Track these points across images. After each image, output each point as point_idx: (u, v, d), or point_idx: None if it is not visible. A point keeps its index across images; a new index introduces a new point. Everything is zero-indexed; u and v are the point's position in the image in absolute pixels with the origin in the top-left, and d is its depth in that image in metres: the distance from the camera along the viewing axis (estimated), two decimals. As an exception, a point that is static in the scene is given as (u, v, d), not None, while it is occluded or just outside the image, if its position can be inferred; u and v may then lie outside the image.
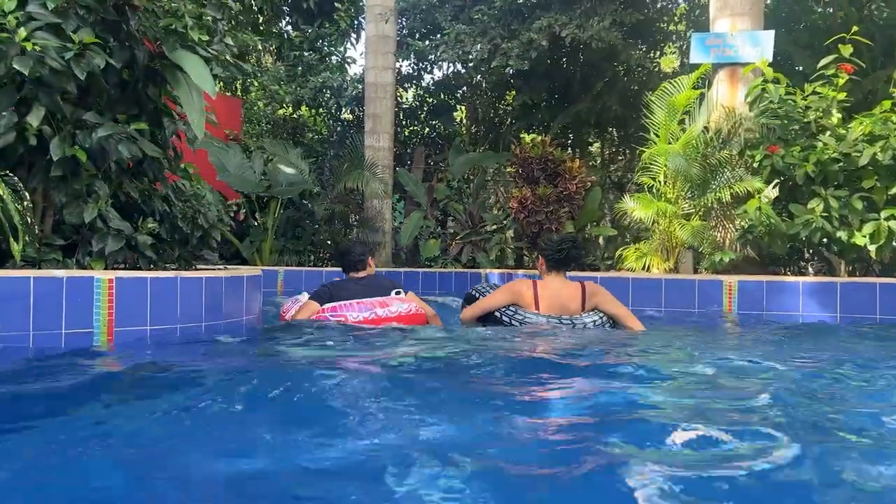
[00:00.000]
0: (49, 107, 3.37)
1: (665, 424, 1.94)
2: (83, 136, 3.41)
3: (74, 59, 3.28)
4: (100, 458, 1.74)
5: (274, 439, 1.89)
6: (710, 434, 1.81)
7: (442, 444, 1.83)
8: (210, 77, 3.50)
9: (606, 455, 1.70)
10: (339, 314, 4.37)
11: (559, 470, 1.63)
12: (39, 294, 3.12)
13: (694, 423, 1.92)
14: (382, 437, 1.88)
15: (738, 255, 6.28)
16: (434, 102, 11.12)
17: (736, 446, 1.75)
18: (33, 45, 3.08)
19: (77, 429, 2.00)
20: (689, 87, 6.59)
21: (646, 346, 3.60)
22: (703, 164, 6.44)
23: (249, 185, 9.07)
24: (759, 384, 2.55)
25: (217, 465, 1.70)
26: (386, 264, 9.33)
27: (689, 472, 1.53)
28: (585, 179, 8.39)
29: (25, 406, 2.32)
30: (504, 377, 2.84)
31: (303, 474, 1.64)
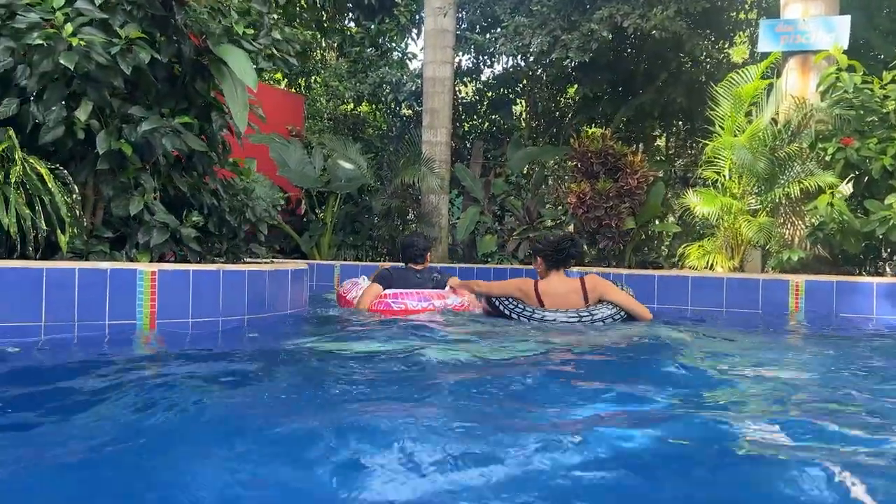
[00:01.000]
0: (97, 101, 3.43)
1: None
2: (129, 130, 3.46)
3: (120, 54, 3.33)
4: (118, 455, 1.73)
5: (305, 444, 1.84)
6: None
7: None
8: (252, 71, 3.50)
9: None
10: (401, 301, 4.61)
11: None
12: (84, 285, 3.18)
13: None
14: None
15: (807, 254, 5.94)
16: (493, 97, 10.98)
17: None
18: (79, 40, 3.13)
19: (92, 426, 1.99)
20: (757, 76, 6.28)
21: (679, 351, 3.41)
22: (771, 158, 6.11)
23: (309, 180, 9.16)
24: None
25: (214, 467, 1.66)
26: (442, 259, 9.27)
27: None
28: (647, 174, 8.10)
29: (56, 394, 2.34)
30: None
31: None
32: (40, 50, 3.15)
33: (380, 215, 9.49)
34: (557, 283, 4.51)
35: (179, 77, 3.99)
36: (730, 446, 1.72)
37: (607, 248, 8.09)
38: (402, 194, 9.32)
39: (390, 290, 4.72)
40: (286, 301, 4.06)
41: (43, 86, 3.29)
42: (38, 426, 1.95)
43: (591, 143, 8.15)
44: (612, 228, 7.97)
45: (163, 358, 3.08)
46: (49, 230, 3.27)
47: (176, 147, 3.55)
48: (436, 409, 2.12)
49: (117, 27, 3.35)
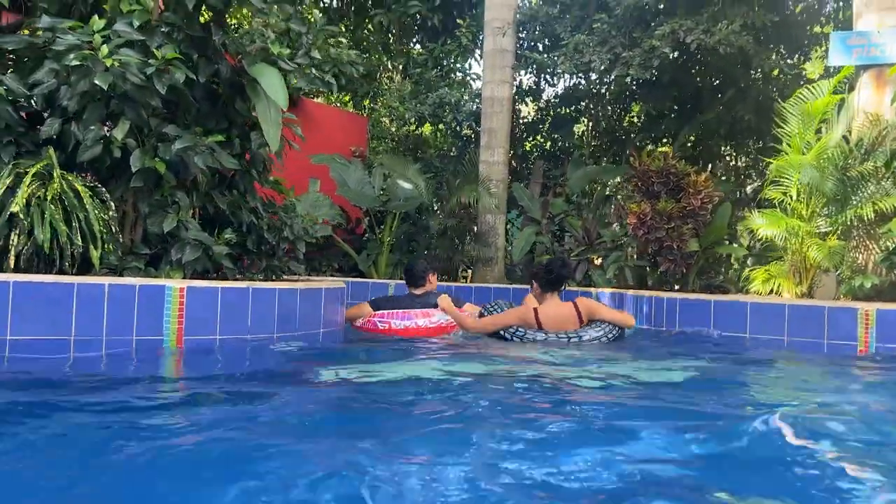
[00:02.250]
0: (134, 120, 3.51)
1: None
2: (164, 149, 3.52)
3: (156, 75, 3.39)
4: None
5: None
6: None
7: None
8: (283, 89, 3.51)
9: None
10: (385, 321, 4.91)
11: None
12: (113, 300, 3.22)
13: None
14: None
15: (882, 280, 5.52)
16: (555, 116, 10.82)
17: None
18: (114, 61, 3.20)
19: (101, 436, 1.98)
20: (828, 92, 5.93)
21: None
22: (842, 178, 5.74)
23: (367, 199, 9.22)
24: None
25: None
26: (499, 280, 9.14)
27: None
28: (712, 194, 7.75)
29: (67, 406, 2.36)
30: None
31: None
32: (78, 71, 3.24)
33: (436, 235, 9.46)
34: (555, 308, 4.79)
35: (221, 97, 4.05)
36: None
37: (669, 271, 7.78)
38: (460, 214, 9.26)
39: (380, 310, 5.04)
40: (319, 320, 4.03)
41: (82, 106, 3.39)
42: (41, 436, 1.96)
43: (652, 162, 7.88)
44: (673, 250, 7.66)
45: (180, 377, 3.09)
46: (84, 246, 3.34)
47: (209, 165, 3.59)
48: (472, 443, 2.02)
49: (154, 48, 3.42)
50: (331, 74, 10.62)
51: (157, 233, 3.60)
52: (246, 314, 3.57)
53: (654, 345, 4.92)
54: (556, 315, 4.74)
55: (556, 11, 9.48)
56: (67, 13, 3.65)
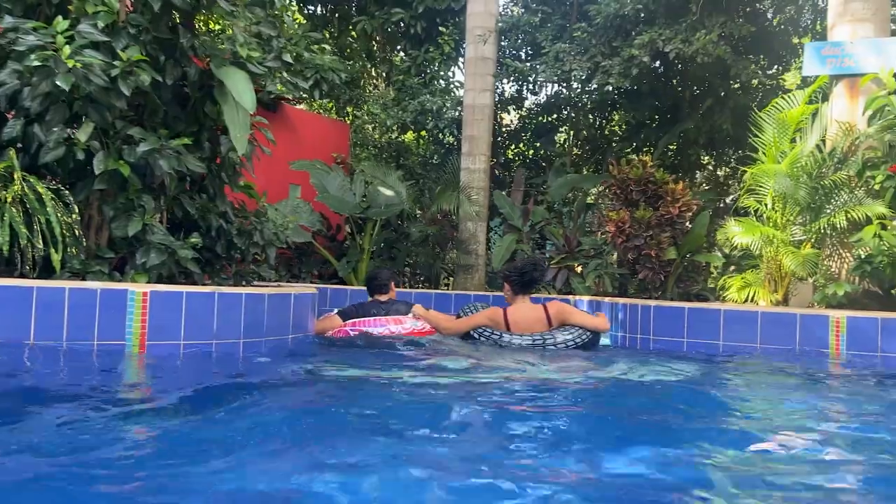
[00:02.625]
0: (99, 123, 3.47)
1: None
2: (129, 152, 3.48)
3: (121, 77, 3.36)
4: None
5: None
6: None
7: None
8: (250, 93, 3.48)
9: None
10: (358, 328, 4.98)
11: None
12: (74, 305, 3.18)
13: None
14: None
15: (855, 288, 5.55)
16: (537, 124, 10.85)
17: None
18: (76, 62, 3.17)
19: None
20: (802, 101, 5.98)
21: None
22: (815, 186, 5.77)
23: (348, 206, 9.19)
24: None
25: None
26: (479, 287, 9.13)
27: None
28: (690, 203, 7.78)
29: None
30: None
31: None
32: (40, 72, 3.20)
33: (417, 242, 9.43)
34: (525, 310, 4.84)
35: (191, 100, 4.02)
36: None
37: (647, 279, 7.79)
38: (440, 221, 9.25)
39: (351, 320, 5.09)
40: (287, 326, 3.99)
41: (45, 107, 3.34)
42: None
43: (631, 171, 7.91)
44: (651, 258, 7.68)
45: (142, 383, 3.05)
46: (46, 250, 3.29)
47: (175, 168, 3.55)
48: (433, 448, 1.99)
49: (120, 50, 3.39)
50: (313, 80, 10.62)
51: (123, 236, 3.56)
52: (211, 319, 3.52)
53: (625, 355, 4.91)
54: (524, 317, 4.78)
55: (538, 20, 9.52)
56: (32, 14, 3.60)
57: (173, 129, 3.94)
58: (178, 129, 3.97)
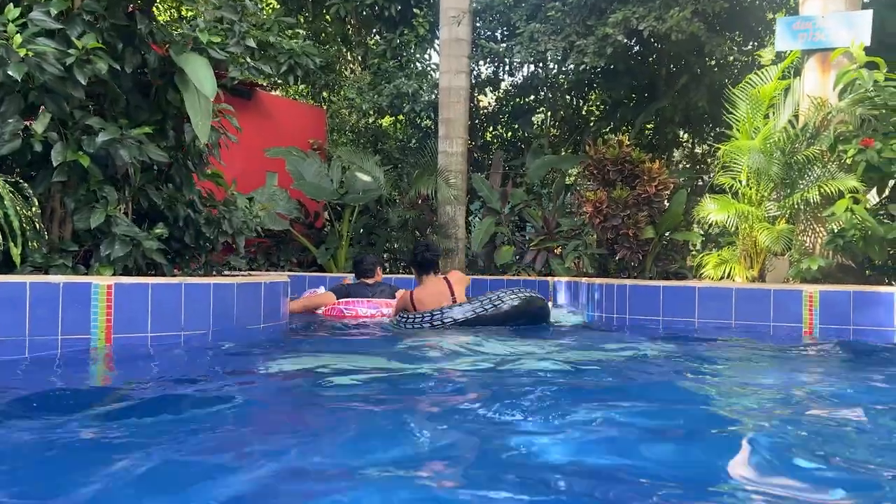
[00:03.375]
0: (56, 113, 3.39)
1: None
2: (88, 142, 3.41)
3: (77, 65, 3.28)
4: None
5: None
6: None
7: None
8: (211, 79, 3.41)
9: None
10: (352, 308, 5.18)
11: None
12: (36, 299, 3.11)
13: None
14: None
15: (828, 263, 5.58)
16: (513, 106, 10.80)
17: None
18: (28, 51, 3.09)
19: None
20: (775, 77, 5.98)
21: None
22: (788, 162, 5.78)
23: (325, 192, 9.12)
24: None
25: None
26: (459, 271, 9.10)
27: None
28: (667, 181, 7.79)
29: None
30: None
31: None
32: (-9, 62, 3.12)
33: (396, 227, 9.39)
34: (429, 287, 4.89)
35: (153, 88, 3.94)
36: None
37: (626, 258, 7.81)
38: (419, 206, 9.20)
39: (343, 299, 5.38)
40: (259, 315, 3.95)
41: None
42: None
43: (608, 151, 7.90)
44: (629, 238, 7.69)
45: (109, 377, 3.00)
46: (5, 244, 3.22)
47: (135, 158, 3.48)
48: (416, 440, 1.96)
49: (74, 38, 3.31)
50: (286, 66, 10.50)
51: (86, 229, 3.49)
52: (179, 310, 3.48)
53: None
54: (429, 295, 4.84)
55: (512, 0, 9.45)
56: (-16, 3, 3.51)
57: (136, 118, 3.87)
58: (141, 119, 3.90)
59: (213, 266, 4.41)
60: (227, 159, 9.39)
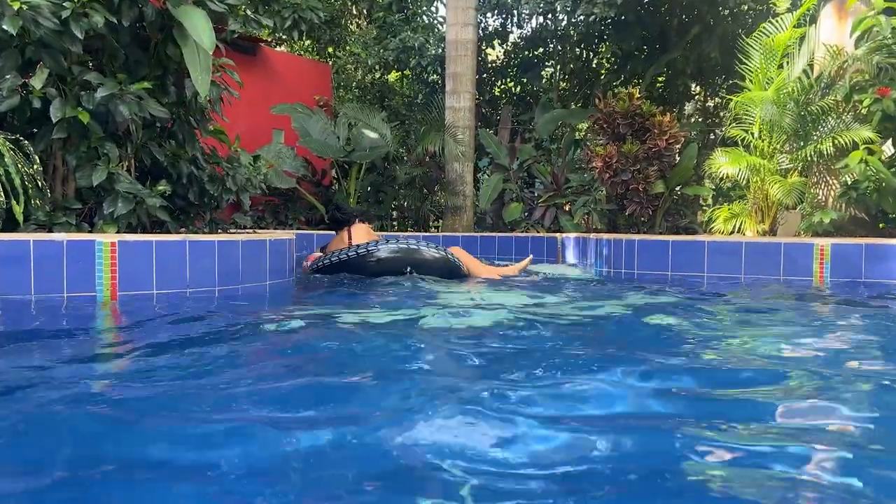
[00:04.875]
0: (54, 69, 3.34)
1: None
2: (87, 98, 3.36)
3: (73, 18, 3.22)
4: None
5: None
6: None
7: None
8: (210, 31, 3.34)
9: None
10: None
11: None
12: (40, 257, 3.11)
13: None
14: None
15: (841, 215, 5.51)
16: (522, 59, 10.60)
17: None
18: (22, 4, 3.02)
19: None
20: (791, 25, 5.82)
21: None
22: (802, 113, 5.66)
23: (331, 150, 9.04)
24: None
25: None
26: (468, 228, 9.07)
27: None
28: (677, 135, 7.66)
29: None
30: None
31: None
32: (-15, 16, 3.06)
33: (404, 184, 9.33)
34: (360, 232, 5.47)
35: (151, 42, 3.87)
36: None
37: (636, 213, 7.73)
38: (427, 163, 9.12)
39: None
40: (264, 272, 3.94)
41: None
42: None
43: (618, 104, 7.76)
44: (639, 193, 7.61)
45: (116, 332, 3.01)
46: (8, 202, 3.21)
47: (135, 114, 3.43)
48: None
49: (69, -10, 3.24)
50: (290, 20, 10.28)
51: (88, 186, 3.47)
52: (184, 268, 3.47)
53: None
54: (360, 236, 5.43)
55: (521, -51, 9.20)
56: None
57: (136, 73, 3.81)
58: (141, 74, 3.84)
59: (219, 224, 4.39)
60: (231, 116, 9.33)
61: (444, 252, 5.02)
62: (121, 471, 1.33)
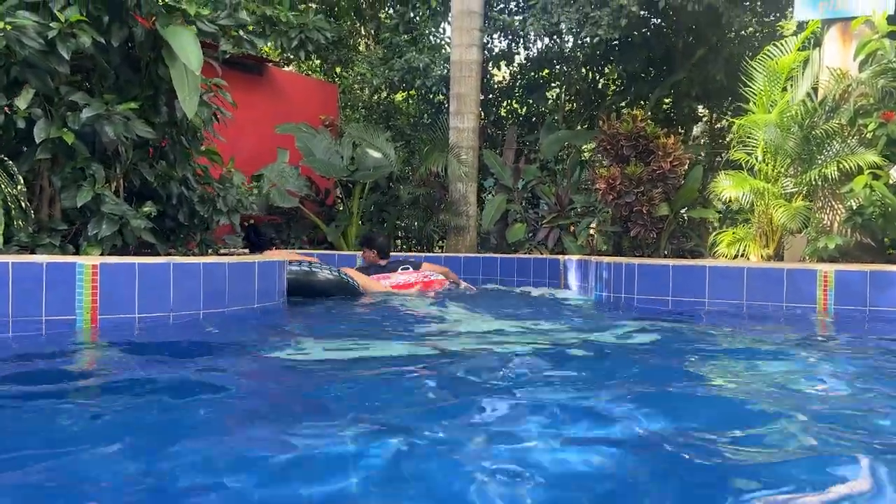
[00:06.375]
0: (40, 89, 3.32)
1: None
2: (73, 118, 3.34)
3: (60, 38, 3.19)
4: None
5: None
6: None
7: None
8: (197, 52, 3.31)
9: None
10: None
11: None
12: (19, 280, 3.06)
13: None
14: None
15: (846, 241, 5.39)
16: (528, 80, 10.57)
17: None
18: (6, 24, 3.00)
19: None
20: (795, 48, 5.74)
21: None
22: (806, 136, 5.57)
23: (334, 169, 9.01)
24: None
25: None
26: (471, 249, 8.99)
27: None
28: (682, 157, 7.58)
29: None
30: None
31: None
32: (-30, 36, 3.04)
33: (407, 205, 9.28)
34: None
35: (144, 63, 3.85)
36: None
37: (639, 236, 7.64)
38: (431, 183, 9.07)
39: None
40: (253, 295, 3.88)
41: (-19, 74, 3.19)
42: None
43: (621, 125, 7.70)
44: (643, 215, 7.52)
45: (94, 358, 2.95)
46: (-9, 223, 3.17)
47: (120, 134, 3.40)
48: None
49: (57, 10, 3.22)
50: (297, 40, 10.34)
51: (72, 207, 3.43)
52: (168, 291, 3.41)
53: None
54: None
55: (525, -30, 9.21)
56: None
57: (127, 93, 3.79)
58: (133, 94, 3.82)
59: (210, 245, 4.34)
60: (237, 136, 9.34)
61: (337, 273, 5.14)
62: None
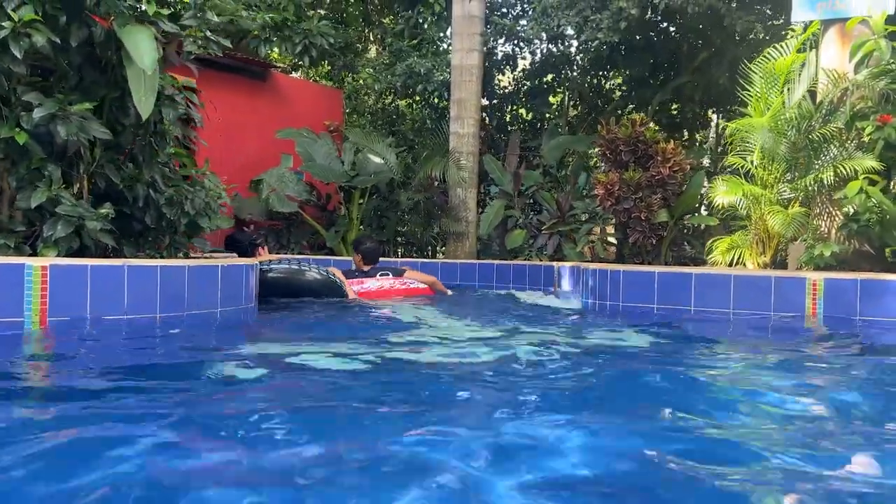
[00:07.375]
0: (-6, 89, 3.29)
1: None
2: (27, 118, 3.30)
3: (13, 38, 3.16)
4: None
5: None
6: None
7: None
8: (151, 52, 3.26)
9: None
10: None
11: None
12: (-35, 281, 3.03)
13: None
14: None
15: (843, 249, 5.20)
16: (530, 85, 10.45)
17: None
18: (-48, 23, 2.98)
19: None
20: (793, 50, 5.58)
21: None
22: (803, 140, 5.39)
23: (334, 174, 8.97)
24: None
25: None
26: (470, 255, 8.88)
27: None
28: (682, 163, 7.42)
29: None
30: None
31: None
32: (-82, 35, 3.02)
33: (407, 210, 9.21)
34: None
35: (109, 63, 3.81)
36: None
37: (638, 242, 7.48)
38: (429, 188, 8.99)
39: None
40: (215, 299, 3.81)
41: (-67, 74, 3.17)
42: None
43: (620, 130, 7.55)
44: (641, 221, 7.36)
45: (38, 361, 2.90)
46: (-60, 224, 3.14)
47: (73, 134, 3.35)
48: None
49: (10, 10, 3.19)
50: (301, 46, 10.29)
51: (28, 208, 3.39)
52: (122, 293, 3.36)
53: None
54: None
55: (526, -26, 9.12)
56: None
57: (94, 94, 3.75)
58: (99, 95, 3.78)
59: (180, 248, 4.29)
60: (241, 141, 9.28)
61: (325, 273, 5.15)
62: None
